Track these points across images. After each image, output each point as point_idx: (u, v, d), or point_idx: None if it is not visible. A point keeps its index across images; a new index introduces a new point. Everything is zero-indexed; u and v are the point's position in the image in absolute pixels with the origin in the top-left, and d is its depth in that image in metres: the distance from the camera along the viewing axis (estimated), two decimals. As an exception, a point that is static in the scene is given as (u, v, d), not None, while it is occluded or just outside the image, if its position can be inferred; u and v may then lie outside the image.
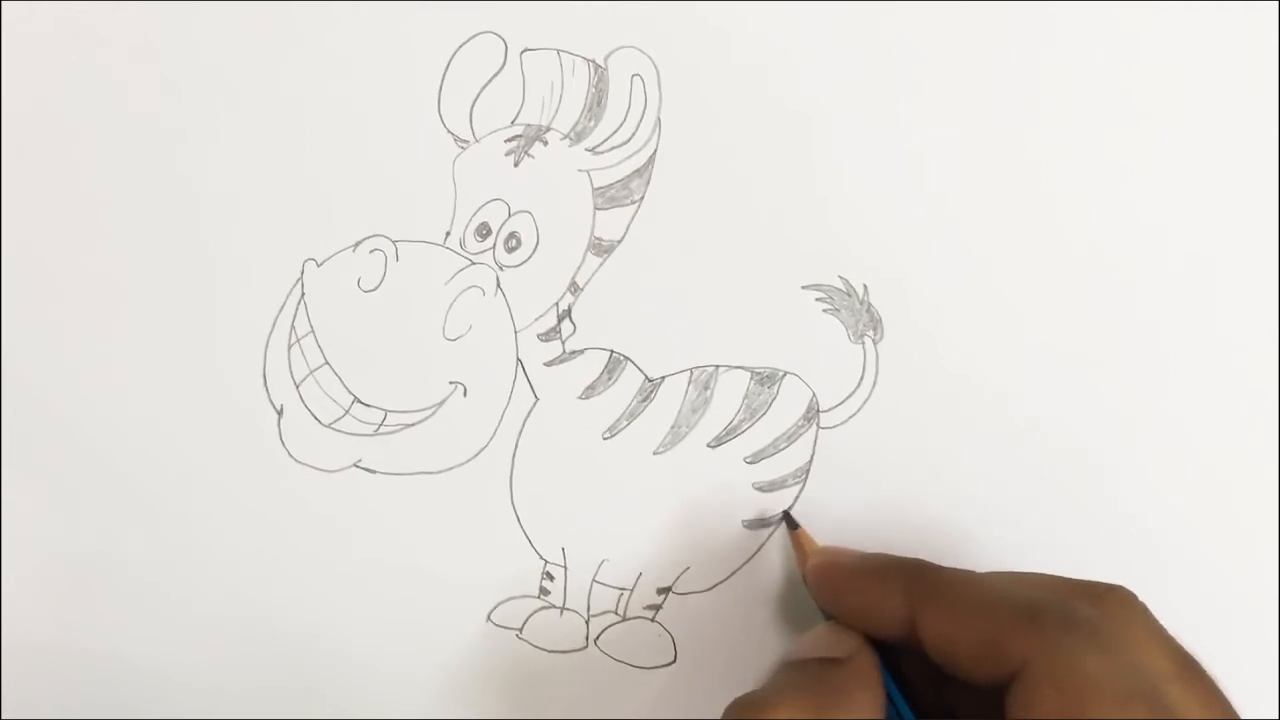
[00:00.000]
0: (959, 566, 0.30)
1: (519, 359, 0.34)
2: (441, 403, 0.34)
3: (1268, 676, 0.37)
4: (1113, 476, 0.36)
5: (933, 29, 0.35)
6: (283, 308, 0.33)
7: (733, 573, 0.35)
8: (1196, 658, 0.28)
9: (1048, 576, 0.30)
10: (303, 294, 0.33)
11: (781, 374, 0.35)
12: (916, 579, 0.30)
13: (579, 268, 0.34)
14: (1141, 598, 0.29)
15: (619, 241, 0.34)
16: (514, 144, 0.34)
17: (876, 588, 0.30)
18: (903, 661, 0.31)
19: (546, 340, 0.34)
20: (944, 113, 0.35)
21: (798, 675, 0.30)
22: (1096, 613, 0.27)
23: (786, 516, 0.35)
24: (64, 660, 0.33)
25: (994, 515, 0.36)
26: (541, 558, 0.35)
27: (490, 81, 0.33)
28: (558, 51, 0.34)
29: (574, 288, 0.34)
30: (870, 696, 0.29)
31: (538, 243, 0.34)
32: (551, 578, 0.35)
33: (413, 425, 0.34)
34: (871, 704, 0.29)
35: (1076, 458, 0.36)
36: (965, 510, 0.36)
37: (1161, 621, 0.29)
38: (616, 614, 0.35)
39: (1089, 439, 0.36)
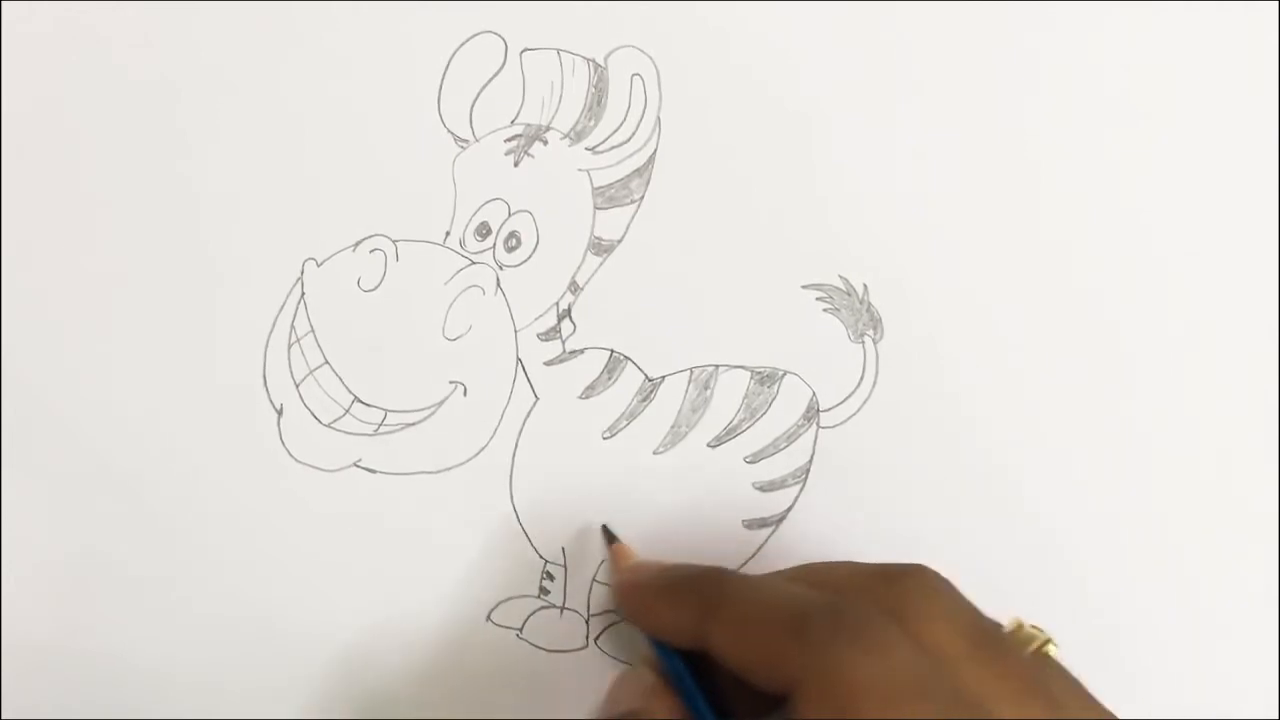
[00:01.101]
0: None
1: (519, 358, 0.34)
2: (441, 402, 0.34)
3: (1268, 676, 0.37)
4: (1113, 476, 0.36)
5: (933, 29, 0.35)
6: (283, 308, 0.33)
7: (733, 573, 0.35)
8: (997, 631, 0.27)
9: (846, 566, 0.29)
10: (303, 294, 0.33)
11: (781, 374, 0.35)
12: (706, 591, 0.29)
13: (579, 267, 0.34)
14: (944, 573, 0.28)
15: (619, 241, 0.34)
16: (514, 143, 0.34)
17: (669, 603, 0.30)
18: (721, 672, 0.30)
19: (546, 340, 0.34)
20: (944, 113, 0.35)
21: None
22: (872, 606, 0.27)
23: (605, 531, 0.34)
24: (64, 660, 0.33)
25: (993, 514, 0.36)
26: (541, 557, 0.35)
27: (490, 81, 0.33)
28: (558, 51, 0.34)
29: (574, 287, 0.34)
30: None
31: (538, 242, 0.34)
32: (551, 577, 0.35)
33: (413, 425, 0.34)
34: None
35: (1076, 457, 0.36)
36: (965, 510, 0.36)
37: (964, 596, 0.28)
38: (617, 614, 0.35)
39: (1089, 438, 0.36)
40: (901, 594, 0.27)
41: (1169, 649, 0.37)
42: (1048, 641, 0.29)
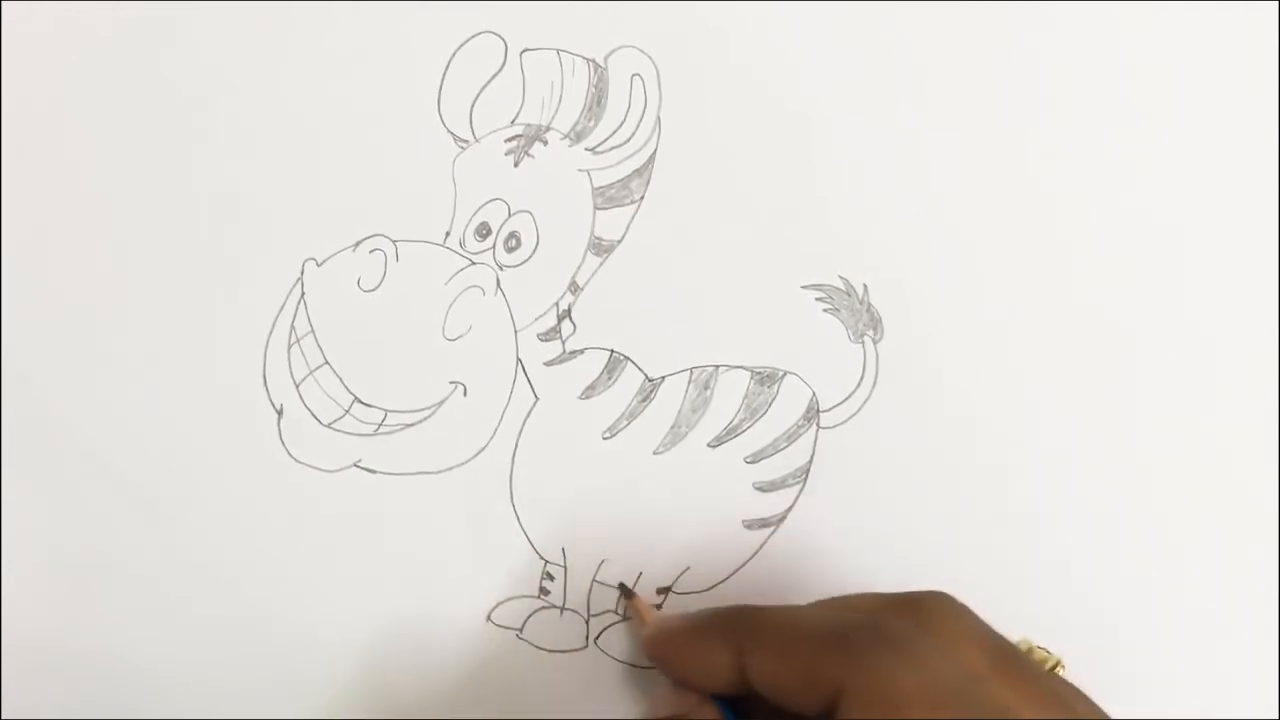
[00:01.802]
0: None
1: (519, 359, 0.34)
2: (441, 403, 0.34)
3: (1268, 676, 0.37)
4: (1112, 475, 0.36)
5: (933, 29, 0.35)
6: (283, 308, 0.33)
7: (733, 573, 0.35)
8: (1018, 650, 0.29)
9: (868, 595, 0.30)
10: (303, 294, 0.33)
11: (781, 374, 0.35)
12: (738, 627, 0.30)
13: (579, 267, 0.34)
14: (961, 598, 0.29)
15: (619, 241, 0.34)
16: (514, 144, 0.34)
17: (703, 645, 0.30)
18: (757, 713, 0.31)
19: (546, 340, 0.34)
20: (944, 113, 0.35)
21: None
22: (907, 624, 0.28)
23: (623, 587, 0.35)
24: (64, 660, 0.33)
25: (993, 514, 0.36)
26: (541, 558, 0.35)
27: (490, 81, 0.33)
28: (558, 51, 0.34)
29: (574, 287, 0.34)
30: None
31: (538, 243, 0.34)
32: (551, 578, 0.35)
33: (413, 425, 0.34)
34: None
35: (1076, 457, 0.36)
36: (965, 510, 0.36)
37: (981, 619, 0.29)
38: (616, 614, 0.35)
39: (1089, 438, 0.36)
40: (927, 617, 0.28)
41: (1169, 649, 0.37)
42: (1057, 664, 0.30)
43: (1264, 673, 0.37)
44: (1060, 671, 0.30)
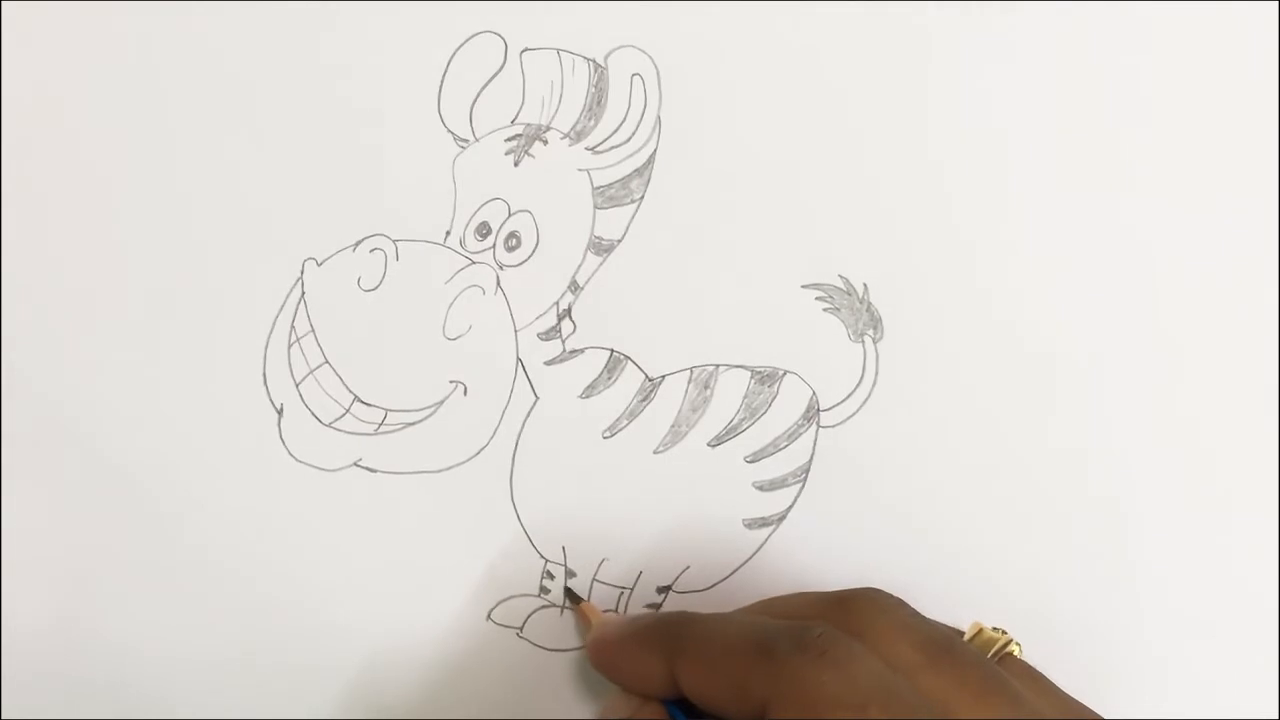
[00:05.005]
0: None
1: (519, 358, 0.34)
2: (442, 402, 0.34)
3: (1268, 676, 0.37)
4: (1112, 475, 0.36)
5: (933, 29, 0.35)
6: (283, 307, 0.33)
7: (733, 572, 0.35)
8: (952, 639, 0.29)
9: (799, 596, 0.31)
10: (303, 293, 0.33)
11: (781, 373, 0.35)
12: (671, 635, 0.30)
13: (579, 267, 0.34)
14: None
15: (619, 241, 0.34)
16: (514, 143, 0.34)
17: (638, 654, 0.31)
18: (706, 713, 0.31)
19: (547, 339, 0.34)
20: (945, 113, 0.35)
21: None
22: (830, 627, 0.28)
23: (569, 593, 0.35)
24: (64, 660, 0.33)
25: (994, 514, 0.36)
26: (542, 557, 0.35)
27: (490, 81, 0.34)
28: (558, 51, 0.34)
29: (574, 287, 0.34)
30: None
31: (538, 242, 0.34)
32: (551, 577, 0.35)
33: (413, 424, 0.34)
34: None
35: (1076, 456, 0.36)
36: (965, 509, 0.36)
37: (915, 611, 0.29)
38: (617, 613, 0.35)
39: (1088, 437, 0.36)
40: (857, 615, 0.29)
41: (1167, 648, 0.37)
42: (1009, 643, 0.30)
43: (1264, 673, 0.37)
44: (1015, 651, 0.30)
